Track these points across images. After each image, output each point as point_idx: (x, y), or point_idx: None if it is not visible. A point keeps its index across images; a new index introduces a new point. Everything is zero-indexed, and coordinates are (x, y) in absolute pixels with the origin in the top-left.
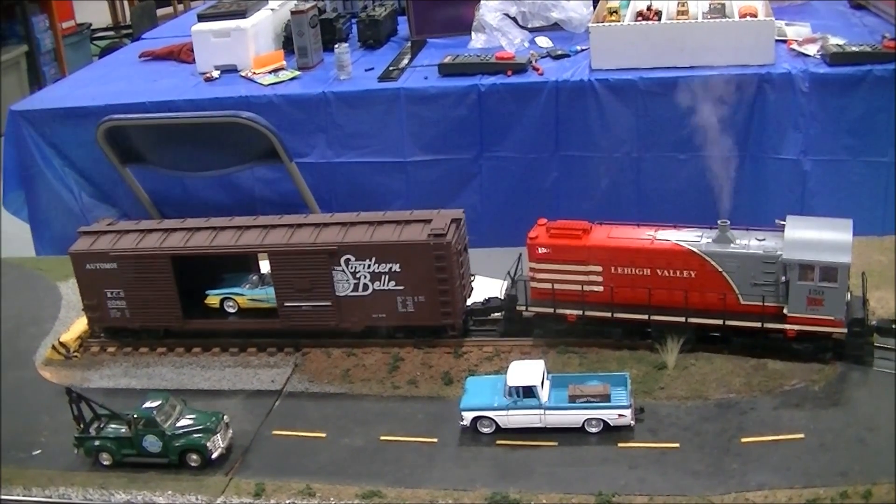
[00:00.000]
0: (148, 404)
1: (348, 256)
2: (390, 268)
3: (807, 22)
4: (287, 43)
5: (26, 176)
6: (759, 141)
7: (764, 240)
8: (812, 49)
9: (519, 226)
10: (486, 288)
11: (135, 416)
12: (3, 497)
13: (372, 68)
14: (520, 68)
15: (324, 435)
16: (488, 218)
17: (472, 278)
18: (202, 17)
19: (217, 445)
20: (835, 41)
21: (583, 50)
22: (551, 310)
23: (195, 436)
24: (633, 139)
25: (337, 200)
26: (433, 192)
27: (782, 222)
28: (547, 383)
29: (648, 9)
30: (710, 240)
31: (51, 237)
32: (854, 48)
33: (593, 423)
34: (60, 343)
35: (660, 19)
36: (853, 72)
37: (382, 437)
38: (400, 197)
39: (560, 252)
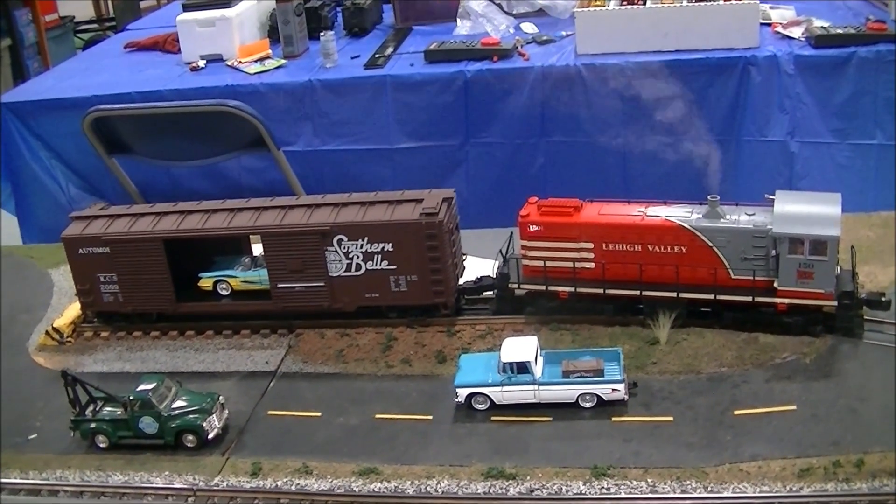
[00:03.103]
0: (143, 386)
1: (341, 237)
2: (382, 247)
3: (791, 5)
4: (272, 32)
5: (12, 168)
6: (745, 123)
7: (753, 215)
8: (797, 31)
9: (506, 211)
10: (477, 267)
11: (130, 398)
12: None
13: (358, 56)
14: (505, 54)
15: (319, 414)
16: (475, 204)
17: (464, 257)
18: (187, 7)
19: (213, 426)
20: (819, 23)
21: (568, 35)
22: (543, 287)
23: (191, 416)
24: (620, 123)
25: (324, 188)
26: (420, 178)
27: (771, 197)
28: (540, 359)
29: None
30: (700, 215)
31: (38, 229)
32: (838, 30)
33: (587, 398)
34: (53, 329)
35: (645, 4)
36: (838, 54)
37: (377, 416)
38: (387, 184)
39: (551, 229)
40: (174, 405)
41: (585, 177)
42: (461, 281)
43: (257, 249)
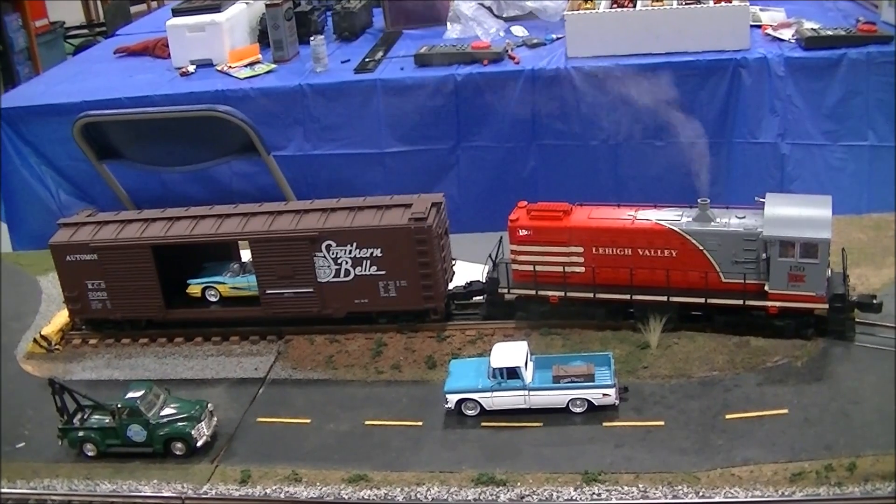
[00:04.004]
0: (131, 394)
1: (329, 242)
2: (371, 253)
3: (781, 7)
4: (262, 36)
5: (2, 174)
6: (735, 126)
7: (744, 217)
8: (787, 33)
9: (497, 215)
10: (467, 272)
11: (118, 405)
12: None
13: (348, 60)
14: (496, 57)
15: (309, 421)
16: (466, 208)
17: (454, 262)
18: (177, 12)
19: (202, 433)
20: (809, 25)
21: (558, 38)
22: (533, 292)
23: (180, 424)
24: (610, 127)
25: (315, 193)
26: (411, 182)
27: (762, 199)
28: (531, 364)
29: None
30: (690, 218)
31: (28, 235)
32: (829, 32)
33: (578, 402)
34: (42, 336)
35: (635, 6)
36: (829, 55)
37: (368, 422)
38: (378, 188)
39: (541, 234)
40: (163, 413)
41: (576, 180)
42: (451, 286)
43: (246, 255)
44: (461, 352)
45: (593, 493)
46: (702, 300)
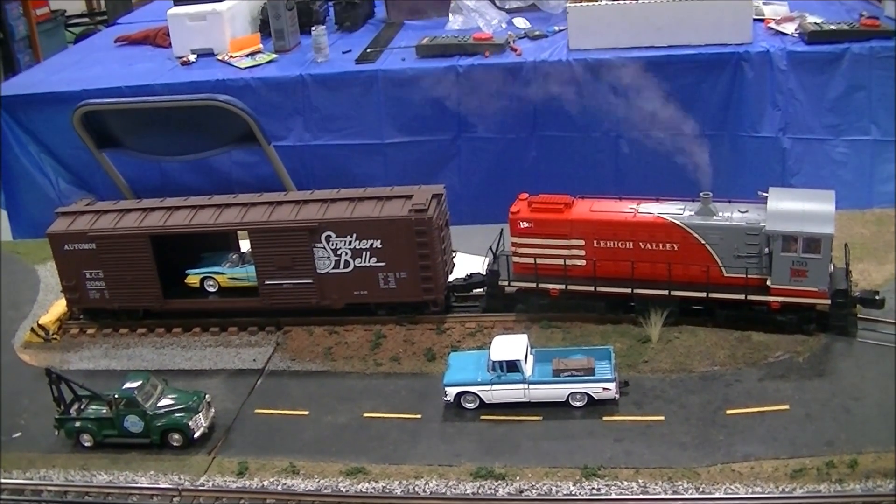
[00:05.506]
0: (128, 384)
1: (329, 233)
2: (371, 244)
3: (784, 1)
4: (264, 26)
5: (1, 162)
6: (737, 119)
7: (746, 212)
8: (790, 27)
9: (498, 206)
10: (467, 264)
11: (115, 396)
12: None
13: (349, 50)
14: (498, 49)
15: (307, 413)
16: (467, 199)
17: (454, 254)
18: (178, 1)
19: (199, 425)
20: (812, 19)
21: (560, 30)
22: (534, 284)
23: (177, 415)
24: (612, 119)
25: (315, 183)
26: (412, 173)
27: (765, 194)
28: (531, 358)
29: None
30: (692, 212)
31: (28, 223)
32: (832, 26)
33: (578, 396)
34: (39, 325)
35: None
36: (831, 49)
37: (366, 414)
38: (378, 179)
39: (542, 226)
40: (160, 404)
41: (578, 172)
42: (451, 278)
43: (245, 246)
44: (461, 344)
45: (592, 488)
46: (703, 294)
